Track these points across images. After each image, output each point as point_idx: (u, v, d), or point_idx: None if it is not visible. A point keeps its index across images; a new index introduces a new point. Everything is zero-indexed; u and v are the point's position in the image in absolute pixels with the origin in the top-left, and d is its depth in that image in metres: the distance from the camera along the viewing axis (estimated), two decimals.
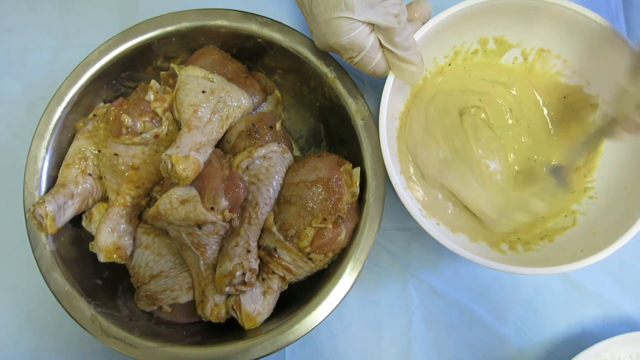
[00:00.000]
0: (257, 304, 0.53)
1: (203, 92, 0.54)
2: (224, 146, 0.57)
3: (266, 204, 0.54)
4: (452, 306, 0.62)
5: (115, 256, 0.53)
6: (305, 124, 0.65)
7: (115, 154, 0.53)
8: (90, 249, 0.54)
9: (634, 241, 0.49)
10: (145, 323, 0.55)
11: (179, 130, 0.54)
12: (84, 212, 0.56)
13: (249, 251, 0.52)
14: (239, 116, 0.57)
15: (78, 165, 0.55)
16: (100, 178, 0.56)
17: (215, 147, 0.55)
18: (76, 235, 0.57)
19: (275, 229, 0.53)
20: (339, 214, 0.52)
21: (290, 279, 0.55)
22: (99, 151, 0.55)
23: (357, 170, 0.55)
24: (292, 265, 0.54)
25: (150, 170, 0.55)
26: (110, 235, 0.53)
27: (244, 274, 0.51)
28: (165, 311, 0.56)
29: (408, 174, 0.58)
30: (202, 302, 0.54)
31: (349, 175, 0.54)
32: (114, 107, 0.54)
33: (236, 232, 0.53)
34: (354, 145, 0.56)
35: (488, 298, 0.63)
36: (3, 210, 0.63)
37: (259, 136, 0.55)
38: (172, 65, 0.59)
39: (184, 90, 0.54)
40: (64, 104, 0.55)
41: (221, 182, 0.51)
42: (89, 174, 0.55)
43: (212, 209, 0.50)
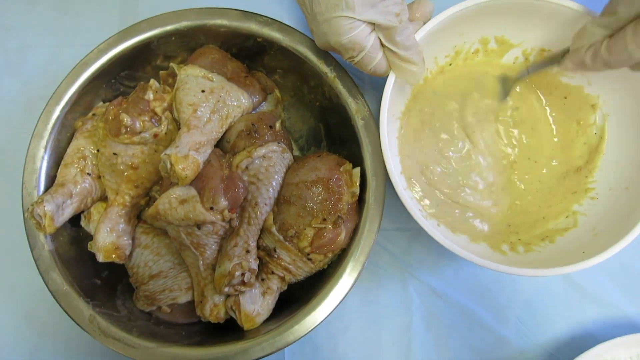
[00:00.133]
0: (256, 304, 0.52)
1: (202, 91, 0.54)
2: (223, 146, 0.57)
3: (266, 204, 0.54)
4: (452, 307, 0.62)
5: (114, 256, 0.53)
6: (305, 123, 0.65)
7: (114, 154, 0.53)
8: (89, 249, 0.54)
9: (635, 242, 0.49)
10: (144, 323, 0.55)
11: (178, 130, 0.54)
12: (82, 211, 0.56)
13: (248, 251, 0.52)
14: (238, 116, 0.57)
15: (77, 165, 0.55)
16: (99, 177, 0.55)
17: (215, 146, 0.55)
18: (75, 234, 0.57)
19: (274, 229, 0.53)
20: (339, 214, 0.52)
21: (290, 279, 0.55)
22: (98, 150, 0.55)
23: (357, 170, 0.55)
24: (292, 265, 0.54)
25: (150, 169, 0.54)
26: (109, 235, 0.53)
27: (243, 274, 0.50)
28: (164, 311, 0.56)
29: (408, 174, 0.58)
30: (201, 302, 0.54)
31: (349, 176, 0.54)
32: (113, 107, 0.54)
33: (235, 232, 0.53)
34: (354, 145, 0.56)
35: (488, 299, 0.62)
36: (1, 209, 0.63)
37: (258, 136, 0.55)
38: (172, 64, 0.59)
39: (184, 89, 0.54)
40: (62, 103, 0.55)
41: (220, 182, 0.51)
42: (87, 174, 0.55)
43: (211, 208, 0.50)
